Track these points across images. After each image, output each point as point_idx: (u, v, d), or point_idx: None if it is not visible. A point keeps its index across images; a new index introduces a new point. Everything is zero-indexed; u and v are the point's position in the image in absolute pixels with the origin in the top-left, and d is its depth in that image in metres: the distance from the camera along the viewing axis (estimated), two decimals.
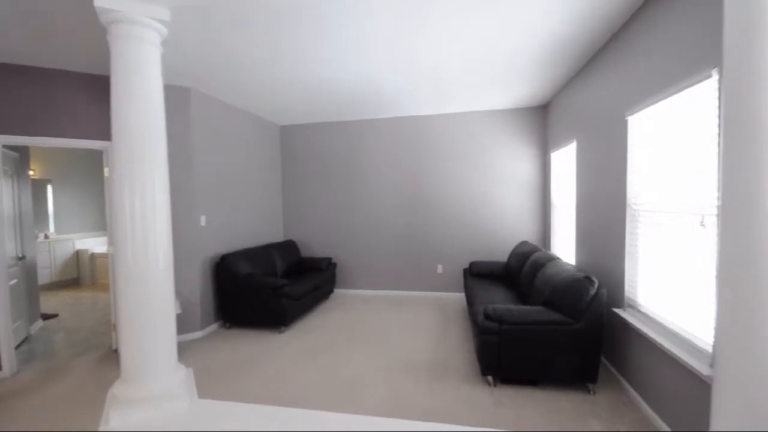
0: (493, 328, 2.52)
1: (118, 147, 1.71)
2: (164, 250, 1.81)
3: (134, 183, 1.71)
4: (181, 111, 3.64)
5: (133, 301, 1.72)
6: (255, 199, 4.87)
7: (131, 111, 1.73)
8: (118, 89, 1.72)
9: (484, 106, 4.74)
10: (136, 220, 1.71)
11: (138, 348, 1.74)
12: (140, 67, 1.75)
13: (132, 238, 1.70)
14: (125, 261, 1.71)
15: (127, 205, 1.70)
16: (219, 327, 4.06)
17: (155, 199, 1.77)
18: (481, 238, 4.96)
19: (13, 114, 2.99)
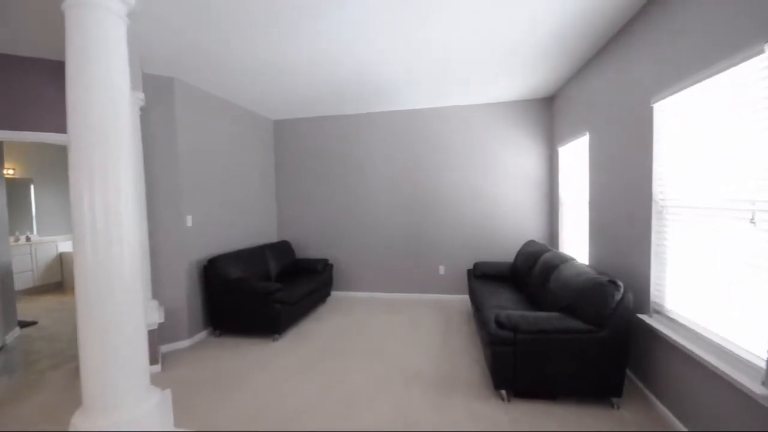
0: (507, 337, 2.28)
1: (75, 139, 1.45)
2: (131, 255, 1.55)
3: (94, 181, 1.45)
4: (163, 103, 3.37)
5: (95, 315, 1.46)
6: (247, 198, 4.60)
7: (90, 97, 1.46)
8: (73, 70, 1.45)
9: (487, 99, 4.50)
10: (97, 222, 1.44)
11: (101, 370, 1.48)
12: (100, 42, 1.49)
13: (92, 242, 1.44)
14: (84, 268, 1.44)
15: (86, 205, 1.44)
16: (208, 335, 3.79)
17: (120, 199, 1.50)
18: (485, 237, 4.73)
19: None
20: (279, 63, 3.22)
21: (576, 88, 3.61)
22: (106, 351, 1.48)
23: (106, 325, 1.47)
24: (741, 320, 1.69)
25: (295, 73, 3.45)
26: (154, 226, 3.32)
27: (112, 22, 1.53)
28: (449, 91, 4.15)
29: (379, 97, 4.29)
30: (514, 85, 3.98)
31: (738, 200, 1.67)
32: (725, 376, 1.67)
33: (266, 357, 3.20)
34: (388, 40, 2.85)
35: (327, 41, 2.82)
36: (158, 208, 3.36)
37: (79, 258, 1.44)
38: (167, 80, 3.37)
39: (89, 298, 1.45)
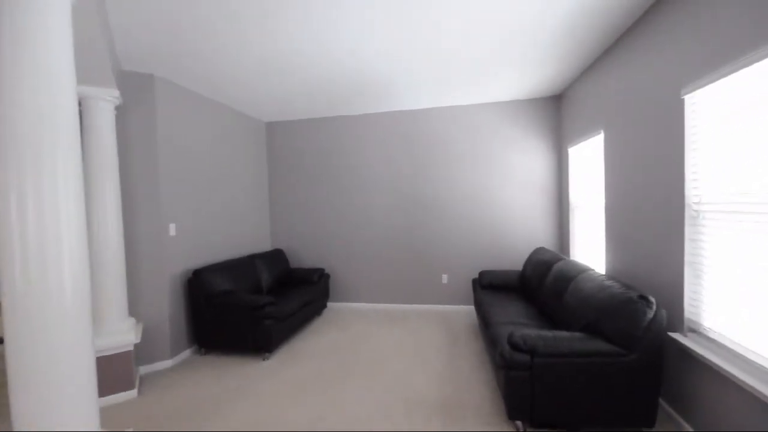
0: (522, 361, 2.01)
1: (2, 137, 1.17)
2: (76, 278, 1.27)
3: (26, 195, 1.17)
4: (143, 102, 3.11)
5: (26, 357, 1.18)
6: (237, 205, 4.33)
7: (16, 90, 1.19)
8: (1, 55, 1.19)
9: (491, 98, 4.26)
10: (28, 238, 1.17)
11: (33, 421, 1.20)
12: (31, 23, 1.22)
13: (22, 267, 1.16)
14: (13, 294, 1.17)
15: (13, 216, 1.16)
16: (193, 353, 3.50)
17: (60, 210, 1.23)
18: (490, 244, 4.46)
19: None
20: (272, 60, 2.98)
21: (588, 84, 3.36)
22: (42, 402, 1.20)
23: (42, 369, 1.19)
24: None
25: (289, 71, 3.21)
26: (133, 235, 3.05)
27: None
28: (451, 90, 3.91)
29: (378, 96, 4.04)
30: (519, 83, 3.74)
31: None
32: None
33: (255, 380, 2.91)
34: (388, 36, 2.61)
35: (325, 37, 2.57)
36: (137, 216, 3.09)
37: (7, 282, 1.16)
38: (147, 78, 3.11)
39: (18, 332, 1.17)
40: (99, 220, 2.66)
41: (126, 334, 2.69)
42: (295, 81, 3.48)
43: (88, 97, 2.60)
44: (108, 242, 2.69)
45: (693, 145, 2.00)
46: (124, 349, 2.68)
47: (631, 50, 2.56)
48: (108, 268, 2.69)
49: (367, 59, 3.02)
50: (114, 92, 2.68)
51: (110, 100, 2.71)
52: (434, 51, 2.92)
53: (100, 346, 2.57)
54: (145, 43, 2.61)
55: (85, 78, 2.44)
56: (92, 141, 2.64)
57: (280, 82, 3.48)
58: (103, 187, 2.67)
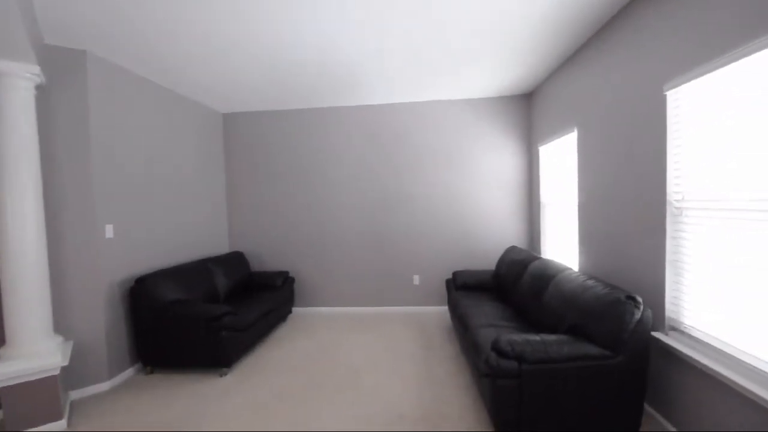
0: (510, 369, 1.87)
1: None
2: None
3: None
4: (72, 83, 2.65)
5: None
6: (189, 203, 3.90)
7: None
8: None
9: (461, 94, 4.17)
10: None
11: None
12: None
13: None
14: None
15: None
16: (136, 372, 3.07)
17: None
18: (463, 243, 4.37)
19: None
20: (232, 41, 2.65)
21: (560, 82, 3.35)
22: None
23: None
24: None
25: (250, 53, 2.88)
26: (59, 238, 2.59)
27: None
28: (422, 85, 3.76)
29: (347, 87, 3.80)
30: (490, 80, 3.67)
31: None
32: (759, 400, 1.39)
33: (210, 399, 2.58)
34: (360, 20, 2.41)
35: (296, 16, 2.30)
36: (64, 216, 2.64)
37: None
38: (78, 54, 2.66)
39: None
40: (14, 220, 2.21)
41: (50, 356, 2.26)
42: (258, 67, 3.16)
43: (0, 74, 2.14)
44: (26, 246, 2.24)
45: (675, 141, 1.97)
46: (48, 374, 2.25)
47: (609, 46, 2.53)
48: (26, 277, 2.24)
49: (337, 44, 2.78)
50: (33, 68, 2.23)
51: (28, 78, 2.26)
52: (406, 42, 2.75)
53: (19, 372, 2.14)
54: (73, 11, 2.20)
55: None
56: (5, 125, 2.19)
57: (237, 65, 3.13)
58: (18, 179, 2.22)
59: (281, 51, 2.87)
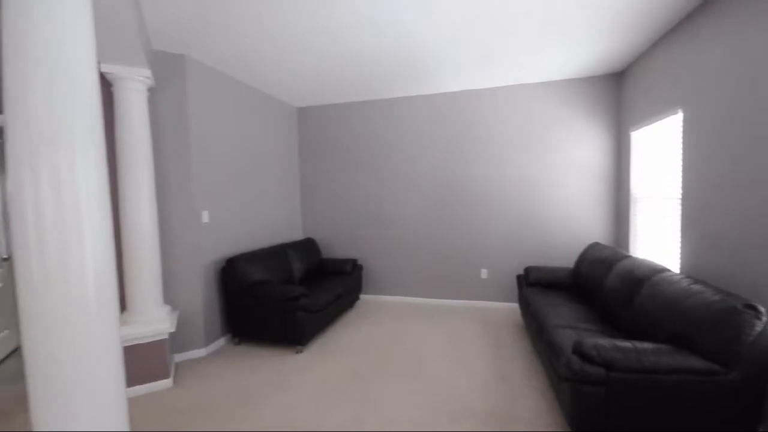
0: (595, 375, 1.73)
1: (13, 121, 1.02)
2: (99, 270, 1.12)
3: (40, 175, 1.02)
4: (173, 84, 3.00)
5: (44, 353, 1.05)
6: (269, 192, 4.22)
7: (32, 67, 1.03)
8: (10, 26, 1.02)
9: (539, 77, 3.86)
10: (45, 228, 1.02)
11: (53, 420, 1.08)
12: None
13: (38, 253, 1.02)
14: (28, 285, 1.03)
15: (29, 206, 1.02)
16: (227, 342, 3.45)
17: (80, 199, 1.07)
18: (536, 237, 4.11)
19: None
20: (307, 37, 2.77)
21: (662, 56, 2.92)
22: (61, 400, 1.07)
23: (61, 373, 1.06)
24: None
25: (324, 48, 2.98)
26: (166, 222, 2.98)
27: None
28: (497, 69, 3.55)
29: (417, 77, 3.75)
30: (575, 59, 3.33)
31: None
32: None
33: (287, 373, 2.80)
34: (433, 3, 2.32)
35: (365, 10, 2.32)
36: (171, 202, 3.02)
37: (22, 272, 1.03)
38: (178, 58, 2.99)
39: (35, 330, 1.04)
40: (133, 207, 2.58)
41: (161, 323, 2.63)
42: (329, 60, 3.25)
43: (119, 78, 2.50)
44: (143, 229, 2.62)
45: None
46: (159, 338, 2.62)
47: (731, 7, 2.14)
48: (143, 256, 2.63)
49: (408, 32, 2.74)
50: (146, 72, 2.57)
51: (142, 81, 2.60)
52: (483, 21, 2.60)
53: (136, 335, 2.52)
54: (174, 19, 2.46)
55: (115, 56, 2.33)
56: (125, 124, 2.55)
57: (314, 60, 3.26)
58: (136, 172, 2.58)
59: (357, 44, 2.91)
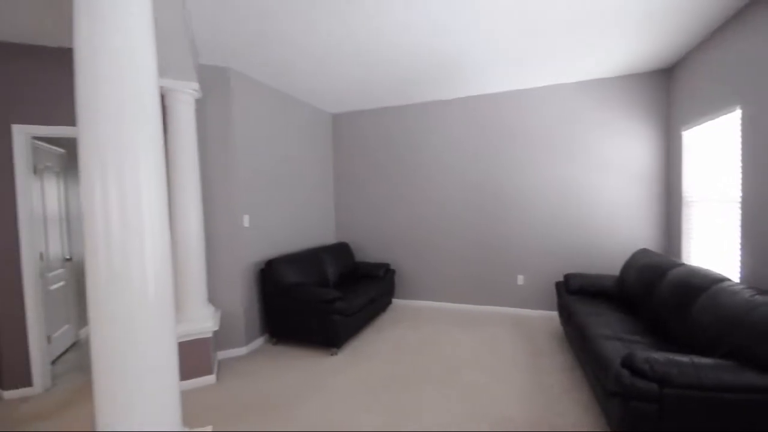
0: (648, 391, 1.62)
1: (85, 133, 1.13)
2: (158, 269, 1.21)
3: (108, 182, 1.12)
4: (219, 95, 3.17)
5: (108, 342, 1.15)
6: (304, 196, 4.34)
7: (101, 83, 1.13)
8: (82, 44, 1.13)
9: (580, 76, 3.71)
10: (112, 230, 1.12)
11: (117, 410, 1.16)
12: (113, 13, 1.15)
13: (106, 254, 1.12)
14: (96, 285, 1.13)
15: (98, 211, 1.12)
16: (265, 342, 3.56)
17: (142, 203, 1.17)
18: (577, 243, 3.94)
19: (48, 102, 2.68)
20: (344, 45, 2.84)
21: (718, 49, 2.73)
22: (123, 389, 1.16)
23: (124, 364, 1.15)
24: None
25: (359, 56, 3.05)
26: (211, 226, 3.14)
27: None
28: (535, 68, 3.46)
29: (452, 80, 3.73)
30: (618, 55, 3.18)
31: None
32: None
33: (323, 375, 2.85)
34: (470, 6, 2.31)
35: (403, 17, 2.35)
36: (214, 207, 3.18)
37: (90, 274, 1.13)
38: (222, 70, 3.16)
39: (102, 324, 1.13)
40: (182, 212, 2.74)
41: (206, 321, 2.76)
42: (364, 67, 3.32)
43: (171, 90, 2.67)
44: (190, 233, 2.77)
45: None
46: (204, 336, 2.76)
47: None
48: (190, 258, 2.78)
49: (445, 36, 2.74)
50: (194, 85, 2.73)
51: (191, 93, 2.76)
52: (519, 18, 2.55)
53: (183, 332, 2.66)
54: (220, 35, 2.61)
55: (167, 71, 2.49)
56: (174, 134, 2.72)
57: (349, 68, 3.34)
58: (185, 180, 2.74)
59: (392, 52, 2.95)
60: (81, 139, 1.13)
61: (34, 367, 2.68)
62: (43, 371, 2.73)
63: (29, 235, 2.68)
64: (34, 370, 2.67)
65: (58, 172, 3.48)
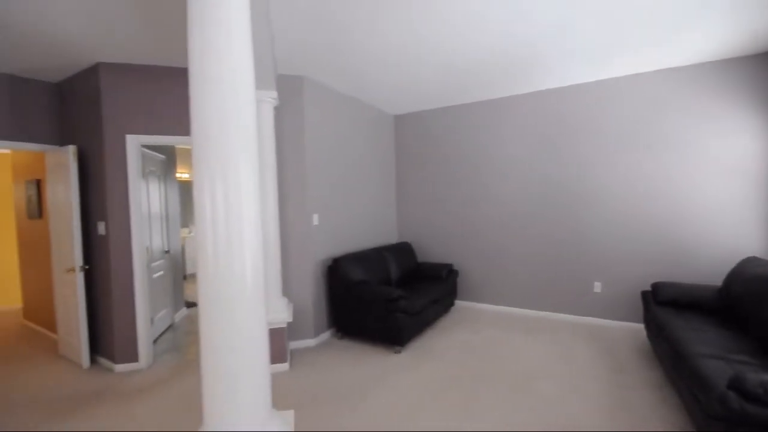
0: (763, 418, 1.41)
1: (196, 141, 1.30)
2: (253, 265, 1.35)
3: (216, 188, 1.27)
4: (293, 103, 3.39)
5: (214, 326, 1.30)
6: (368, 196, 4.45)
7: (209, 96, 1.29)
8: (196, 78, 1.30)
9: (670, 61, 3.31)
10: (218, 228, 1.27)
11: (221, 387, 1.31)
12: (220, 36, 1.30)
13: (215, 250, 1.28)
14: (206, 275, 1.29)
15: (207, 208, 1.28)
16: (331, 336, 3.73)
17: (242, 206, 1.32)
18: (666, 248, 3.53)
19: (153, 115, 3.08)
20: (410, 49, 2.87)
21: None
22: (226, 367, 1.30)
23: (226, 340, 1.30)
24: None
25: (425, 58, 3.06)
26: (285, 224, 3.37)
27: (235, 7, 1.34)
28: (615, 55, 3.17)
29: (525, 74, 3.57)
30: (721, 35, 2.78)
31: None
32: None
33: (388, 372, 2.90)
34: None
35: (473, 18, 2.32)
36: (288, 206, 3.40)
37: (201, 266, 1.29)
38: (297, 79, 3.38)
39: (210, 307, 1.29)
40: (263, 212, 2.98)
41: (282, 313, 2.97)
42: (428, 68, 3.31)
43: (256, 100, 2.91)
44: (268, 231, 3.00)
45: None
46: (280, 326, 2.97)
47: None
48: (269, 254, 3.00)
49: (517, 24, 2.63)
50: (273, 94, 2.94)
51: (270, 102, 2.99)
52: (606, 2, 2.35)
53: None
54: (297, 46, 2.79)
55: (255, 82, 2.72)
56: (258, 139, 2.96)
57: (414, 70, 3.36)
58: (265, 182, 2.98)
59: (458, 50, 2.92)
60: (194, 148, 1.29)
61: (140, 346, 3.09)
62: (147, 349, 3.14)
63: (139, 230, 3.10)
64: (140, 348, 3.09)
65: (160, 175, 3.99)
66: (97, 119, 3.00)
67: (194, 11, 1.32)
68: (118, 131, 3.01)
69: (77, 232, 3.05)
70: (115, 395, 2.65)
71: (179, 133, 3.10)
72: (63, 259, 3.22)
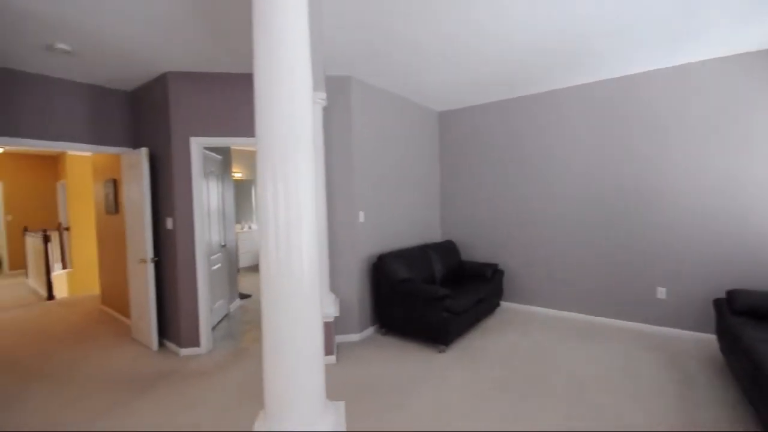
0: None
1: (261, 142, 1.39)
2: (310, 261, 1.41)
3: (277, 182, 1.35)
4: (341, 102, 3.47)
5: (274, 319, 1.38)
6: (412, 194, 4.45)
7: (272, 101, 1.37)
8: (261, 83, 1.38)
9: (739, 47, 2.97)
10: (279, 226, 1.35)
11: (281, 377, 1.39)
12: (282, 43, 1.37)
13: (276, 246, 1.36)
14: (267, 271, 1.37)
15: (269, 204, 1.36)
16: (375, 331, 3.79)
17: (301, 204, 1.38)
18: (742, 252, 3.18)
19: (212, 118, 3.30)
20: (456, 40, 2.82)
21: None
22: (285, 357, 1.38)
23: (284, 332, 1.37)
24: None
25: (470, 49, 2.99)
26: (332, 221, 3.47)
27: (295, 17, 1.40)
28: (679, 41, 2.89)
29: (571, 64, 3.38)
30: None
31: None
32: None
33: (433, 370, 2.90)
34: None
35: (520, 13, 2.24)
36: (335, 204, 3.50)
37: (263, 262, 1.38)
38: (345, 79, 3.45)
39: (271, 300, 1.37)
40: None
41: (330, 307, 3.07)
42: (476, 62, 3.23)
43: None
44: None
45: None
46: (328, 319, 3.07)
47: None
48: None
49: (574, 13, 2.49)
50: (323, 94, 3.03)
51: (320, 102, 3.08)
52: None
53: None
54: (345, 47, 2.85)
55: None
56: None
57: (461, 65, 3.30)
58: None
59: (505, 43, 2.82)
60: (258, 149, 1.38)
61: (202, 332, 3.34)
62: (207, 336, 3.39)
63: (201, 225, 3.34)
64: (201, 334, 3.34)
65: (218, 174, 4.26)
66: (165, 124, 3.26)
67: (259, 20, 1.39)
68: (184, 134, 3.25)
69: (148, 227, 3.35)
70: (181, 377, 2.89)
71: (236, 135, 3.30)
72: (136, 251, 3.55)
